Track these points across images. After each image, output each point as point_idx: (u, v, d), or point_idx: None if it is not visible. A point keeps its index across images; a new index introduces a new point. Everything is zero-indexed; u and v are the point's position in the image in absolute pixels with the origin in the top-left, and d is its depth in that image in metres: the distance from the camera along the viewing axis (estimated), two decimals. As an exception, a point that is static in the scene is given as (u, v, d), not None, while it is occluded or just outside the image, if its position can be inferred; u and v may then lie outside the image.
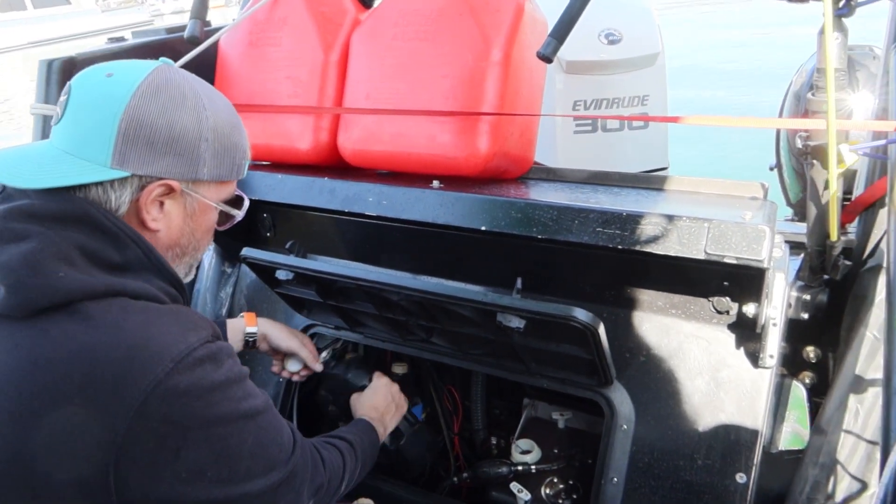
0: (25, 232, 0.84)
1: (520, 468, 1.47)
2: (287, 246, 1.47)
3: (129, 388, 0.79)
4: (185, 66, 1.65)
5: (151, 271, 0.93)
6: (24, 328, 0.82)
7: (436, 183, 1.39)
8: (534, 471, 1.47)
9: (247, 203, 1.10)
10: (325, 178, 1.45)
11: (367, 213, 1.36)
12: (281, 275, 1.39)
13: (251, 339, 1.45)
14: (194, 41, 1.68)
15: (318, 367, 1.52)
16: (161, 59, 0.97)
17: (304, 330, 1.65)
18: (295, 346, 1.49)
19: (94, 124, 0.89)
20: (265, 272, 1.45)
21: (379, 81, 1.50)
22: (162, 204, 0.95)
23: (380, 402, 1.43)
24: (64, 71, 1.58)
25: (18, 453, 0.79)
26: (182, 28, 1.78)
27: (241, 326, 1.44)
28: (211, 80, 1.78)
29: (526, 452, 1.51)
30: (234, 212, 1.08)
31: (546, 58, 1.31)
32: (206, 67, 1.81)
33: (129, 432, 0.78)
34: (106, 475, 0.78)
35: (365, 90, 1.52)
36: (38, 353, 0.81)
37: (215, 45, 1.71)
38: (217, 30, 1.74)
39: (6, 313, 0.82)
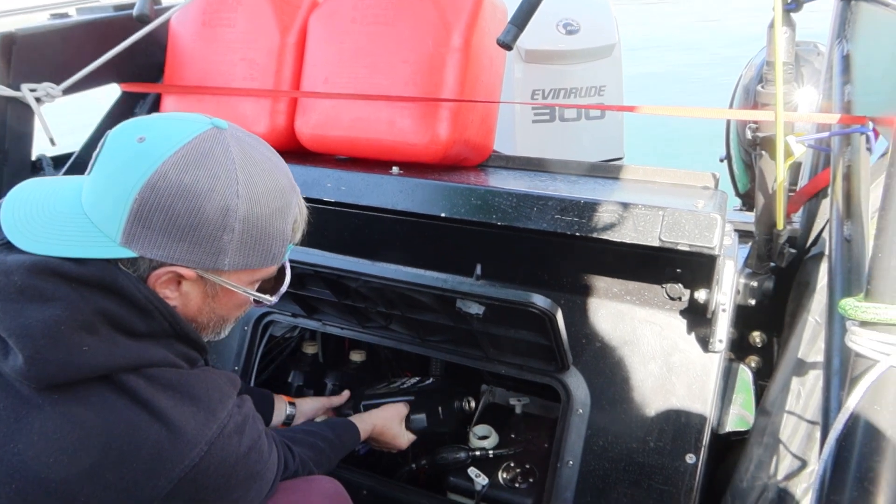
0: (51, 293, 0.77)
1: (477, 453, 1.49)
2: None
3: (164, 471, 0.79)
4: (134, 46, 1.61)
5: (175, 338, 0.88)
6: (57, 391, 0.78)
7: (395, 169, 1.38)
8: (491, 456, 1.48)
9: (284, 287, 0.98)
10: (282, 163, 1.42)
11: (325, 199, 1.35)
12: None
13: (290, 418, 1.48)
14: (144, 20, 1.62)
15: (346, 396, 1.59)
16: (213, 121, 0.85)
17: (260, 318, 1.62)
18: (325, 405, 1.55)
19: (111, 194, 0.80)
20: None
21: (338, 65, 1.48)
22: (179, 283, 0.86)
23: (383, 426, 1.43)
24: (2, 47, 1.50)
25: None
26: (131, 5, 1.72)
27: (284, 408, 1.47)
28: (162, 61, 1.73)
29: (483, 438, 1.53)
30: (266, 298, 0.95)
31: (506, 45, 1.31)
32: (156, 48, 1.76)
33: None
34: None
35: (323, 74, 1.49)
36: (77, 418, 0.78)
37: (166, 25, 1.66)
38: (168, 8, 1.68)
39: (26, 383, 0.78)
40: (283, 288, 0.98)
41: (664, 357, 1.29)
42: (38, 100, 1.51)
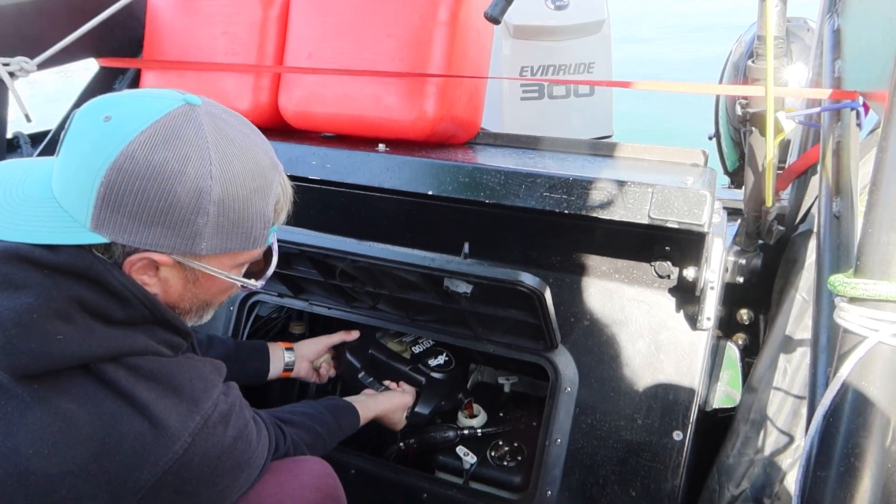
0: (22, 281, 0.74)
1: (466, 432, 1.49)
2: None
3: (148, 465, 0.76)
4: (111, 20, 1.57)
5: (156, 324, 0.84)
6: (35, 381, 0.76)
7: (381, 146, 1.36)
8: (480, 434, 1.49)
9: (272, 269, 0.94)
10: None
11: (310, 178, 1.32)
12: None
13: (290, 365, 1.45)
14: (121, -9, 1.57)
15: (355, 334, 1.54)
16: (185, 96, 0.80)
17: (246, 299, 1.61)
18: (326, 343, 1.51)
19: (78, 177, 0.76)
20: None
21: (322, 40, 1.45)
22: (157, 269, 0.82)
23: (385, 415, 1.42)
24: None
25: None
26: (108, -23, 1.67)
27: (280, 353, 1.43)
28: (140, 35, 1.69)
29: (472, 417, 1.53)
30: (250, 283, 0.91)
31: (494, 19, 1.28)
32: (135, 21, 1.71)
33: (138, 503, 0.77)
34: None
35: (307, 49, 1.46)
36: (57, 408, 0.75)
37: (145, -2, 1.61)
38: (146, -20, 1.64)
39: (3, 374, 0.75)
40: (269, 272, 0.95)
41: (652, 335, 1.29)
42: (11, 74, 1.47)
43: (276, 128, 1.55)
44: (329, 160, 1.32)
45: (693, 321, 1.27)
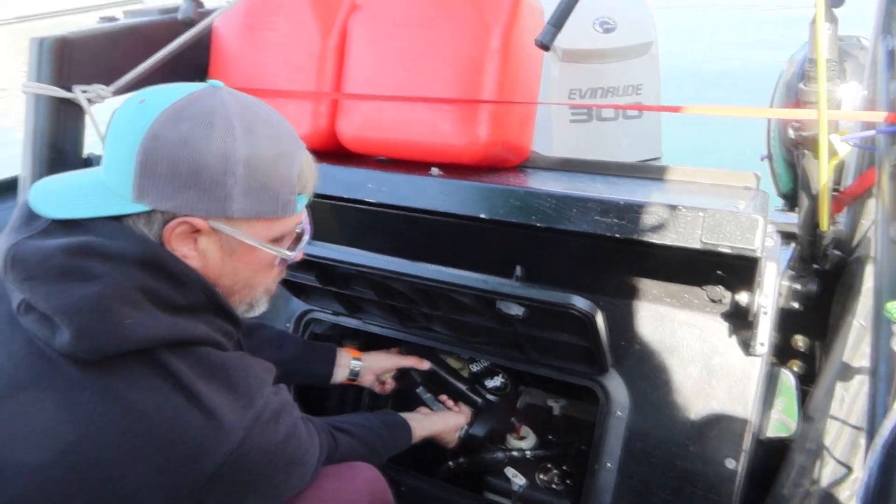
0: (93, 272, 0.80)
1: (515, 454, 1.50)
2: None
3: (207, 456, 0.81)
4: (180, 49, 1.66)
5: (212, 311, 0.90)
6: (103, 371, 0.81)
7: (435, 170, 1.40)
8: (529, 456, 1.49)
9: (305, 240, 0.98)
10: (325, 164, 1.45)
11: (367, 200, 1.37)
12: None
13: (355, 373, 1.48)
14: (189, 23, 1.67)
15: (426, 365, 1.56)
16: (210, 81, 0.89)
17: (302, 315, 1.66)
18: (397, 364, 1.54)
19: (119, 153, 0.84)
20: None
21: (378, 67, 1.50)
22: (196, 240, 0.87)
23: (439, 434, 1.44)
24: (55, 50, 1.56)
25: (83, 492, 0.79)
26: (176, 9, 1.77)
27: (347, 361, 1.48)
28: (206, 63, 1.78)
29: (521, 438, 1.54)
30: (285, 253, 0.94)
31: (544, 45, 1.31)
32: (201, 50, 1.80)
33: (197, 494, 0.81)
34: None
35: (364, 76, 1.52)
36: (125, 399, 0.80)
37: (210, 28, 1.70)
38: (212, 11, 1.73)
39: (76, 356, 0.80)
40: (303, 243, 0.98)
41: (705, 360, 1.28)
42: (89, 100, 1.57)
43: (334, 152, 1.60)
44: (385, 184, 1.36)
45: (746, 347, 1.26)
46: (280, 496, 0.94)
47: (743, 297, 1.21)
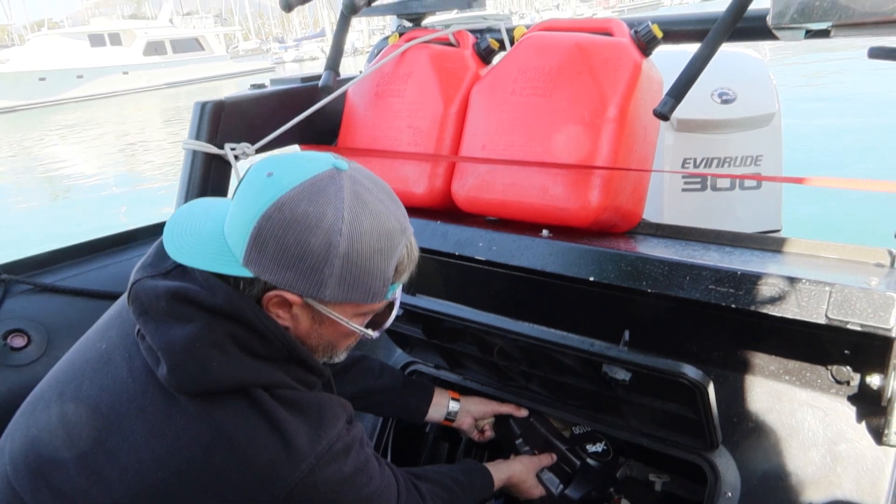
0: (189, 317, 0.91)
1: (613, 527, 1.44)
2: None
3: (278, 480, 0.90)
4: (316, 113, 1.82)
5: (292, 362, 0.98)
6: (197, 403, 0.92)
7: (545, 232, 1.43)
8: (628, 531, 1.43)
9: (387, 324, 1.07)
10: (438, 222, 1.52)
11: (477, 258, 1.42)
12: None
13: (452, 414, 1.53)
14: (327, 90, 1.84)
15: (524, 413, 1.57)
16: (334, 160, 0.94)
17: (405, 367, 1.71)
18: (496, 410, 1.56)
19: (239, 220, 0.92)
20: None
21: (495, 133, 1.57)
22: (290, 307, 0.95)
23: (519, 478, 1.44)
24: (214, 111, 1.76)
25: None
26: (315, 77, 1.95)
27: (446, 401, 1.53)
28: (337, 126, 1.93)
29: (621, 512, 1.48)
30: (368, 333, 1.03)
31: (663, 116, 1.33)
32: (334, 114, 1.97)
33: None
34: None
35: (481, 141, 1.59)
36: (213, 420, 0.90)
37: (344, 94, 1.86)
38: (347, 80, 1.89)
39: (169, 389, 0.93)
40: (387, 324, 1.06)
41: (828, 445, 1.19)
42: (236, 157, 1.75)
43: (446, 210, 1.68)
44: (495, 243, 1.41)
45: (878, 435, 1.16)
46: None
47: (874, 380, 1.12)
